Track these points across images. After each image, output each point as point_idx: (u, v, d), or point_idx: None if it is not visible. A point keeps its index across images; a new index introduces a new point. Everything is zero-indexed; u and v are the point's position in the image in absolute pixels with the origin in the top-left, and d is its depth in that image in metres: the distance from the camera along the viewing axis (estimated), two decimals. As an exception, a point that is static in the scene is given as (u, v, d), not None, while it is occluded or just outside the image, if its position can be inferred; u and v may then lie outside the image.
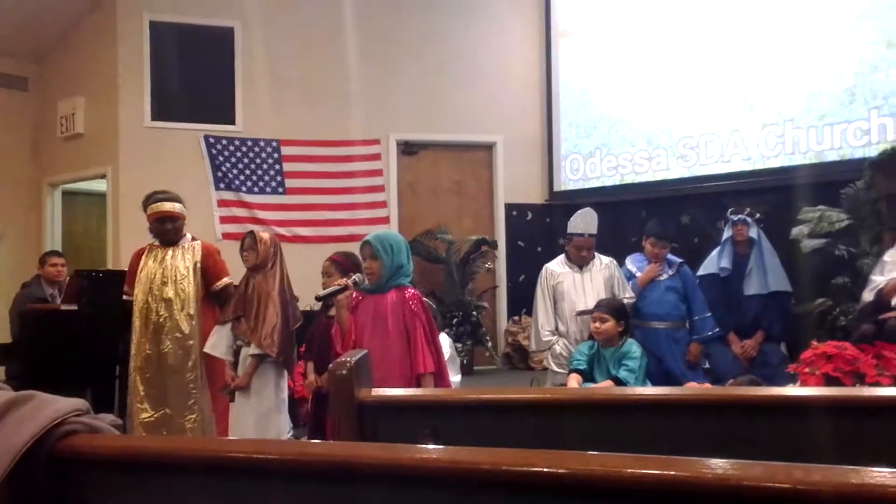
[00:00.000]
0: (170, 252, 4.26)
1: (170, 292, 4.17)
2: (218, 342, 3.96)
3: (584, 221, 4.90)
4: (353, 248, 4.94)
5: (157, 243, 4.30)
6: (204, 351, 4.05)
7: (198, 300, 4.21)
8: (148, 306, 4.17)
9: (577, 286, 4.80)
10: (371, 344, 3.21)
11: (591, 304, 4.67)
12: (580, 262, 4.85)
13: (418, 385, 3.18)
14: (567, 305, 4.74)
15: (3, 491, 1.23)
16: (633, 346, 4.06)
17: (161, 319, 4.14)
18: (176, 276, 4.20)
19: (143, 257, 4.28)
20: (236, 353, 3.93)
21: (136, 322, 4.19)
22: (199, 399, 4.17)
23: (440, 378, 3.27)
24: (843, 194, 5.49)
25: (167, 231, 4.24)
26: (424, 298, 3.76)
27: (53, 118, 7.47)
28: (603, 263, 4.88)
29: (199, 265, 4.26)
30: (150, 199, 4.25)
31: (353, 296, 3.43)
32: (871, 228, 5.25)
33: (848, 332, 4.85)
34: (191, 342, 4.14)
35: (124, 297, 4.35)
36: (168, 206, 4.22)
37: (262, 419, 3.87)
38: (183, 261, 4.25)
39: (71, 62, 7.52)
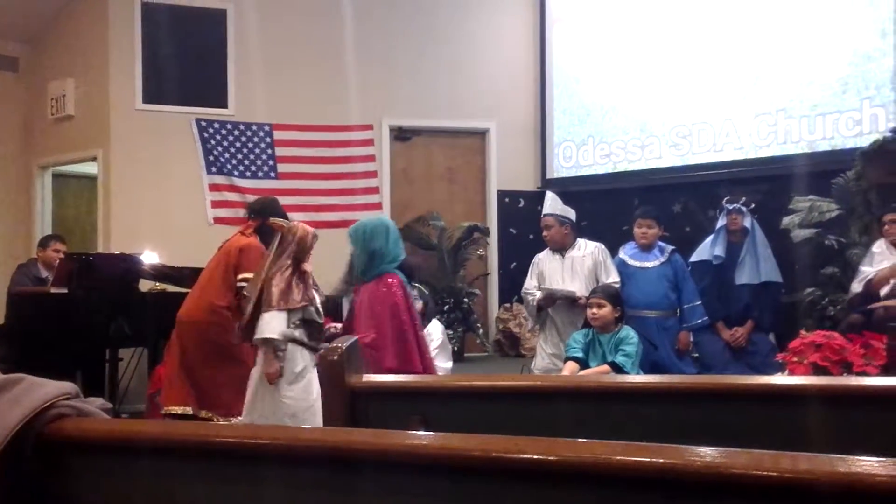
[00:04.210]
0: None
1: None
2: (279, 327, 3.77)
3: (546, 202, 5.05)
4: (345, 233, 4.98)
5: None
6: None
7: None
8: None
9: (556, 273, 4.91)
10: (357, 332, 3.23)
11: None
12: (553, 246, 4.98)
13: None
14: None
15: (-7, 473, 1.22)
16: (629, 332, 4.09)
17: None
18: None
19: None
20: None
21: None
22: None
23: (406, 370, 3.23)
24: (834, 184, 5.52)
25: None
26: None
27: (44, 100, 7.40)
28: (588, 249, 4.93)
29: None
30: (283, 214, 4.38)
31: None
32: (861, 218, 5.28)
33: (836, 321, 4.88)
34: None
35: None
36: None
37: (308, 410, 3.70)
38: None
39: (62, 43, 7.44)
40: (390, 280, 3.35)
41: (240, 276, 4.21)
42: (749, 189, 5.81)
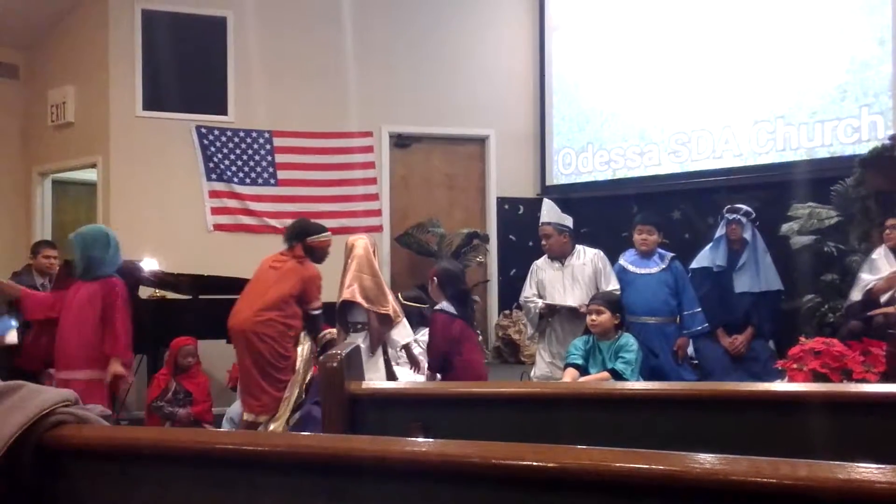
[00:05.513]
0: None
1: None
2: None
3: (543, 211, 5.08)
4: (344, 241, 5.03)
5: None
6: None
7: None
8: None
9: (556, 282, 4.91)
10: (68, 324, 3.99)
11: (568, 301, 4.79)
12: (551, 254, 4.99)
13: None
14: (548, 300, 4.87)
15: (-8, 480, 1.22)
16: (629, 339, 4.09)
17: None
18: None
19: None
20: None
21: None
22: None
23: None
24: (833, 191, 5.52)
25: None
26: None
27: (44, 107, 7.40)
28: (587, 257, 4.94)
29: None
30: (317, 230, 4.89)
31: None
32: (860, 225, 5.28)
33: (836, 328, 4.88)
34: None
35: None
36: None
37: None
38: None
39: (62, 50, 7.45)
40: (112, 282, 4.04)
41: (313, 306, 4.70)
42: (748, 196, 5.81)
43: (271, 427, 4.50)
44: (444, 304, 4.35)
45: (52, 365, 4.19)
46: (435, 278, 4.49)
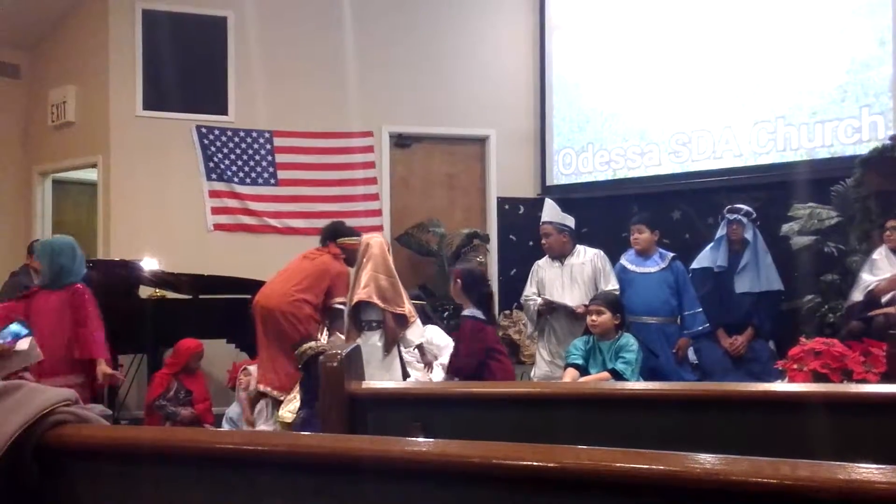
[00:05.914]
0: None
1: None
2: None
3: (545, 210, 5.11)
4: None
5: None
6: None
7: None
8: None
9: (555, 280, 4.94)
10: (45, 333, 3.95)
11: (567, 300, 4.80)
12: (551, 253, 5.02)
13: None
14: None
15: (-8, 480, 1.22)
16: (630, 339, 4.09)
17: None
18: None
19: None
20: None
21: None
22: None
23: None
24: (833, 192, 5.52)
25: None
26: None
27: (44, 106, 7.41)
28: (587, 256, 4.96)
29: None
30: (348, 232, 5.13)
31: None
32: (860, 226, 5.28)
33: (836, 328, 4.88)
34: None
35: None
36: None
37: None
38: None
39: (63, 50, 7.46)
40: (80, 287, 4.14)
41: (337, 300, 4.87)
42: (748, 196, 5.82)
43: (286, 409, 4.49)
44: (475, 311, 4.31)
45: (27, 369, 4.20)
46: (459, 280, 4.41)
